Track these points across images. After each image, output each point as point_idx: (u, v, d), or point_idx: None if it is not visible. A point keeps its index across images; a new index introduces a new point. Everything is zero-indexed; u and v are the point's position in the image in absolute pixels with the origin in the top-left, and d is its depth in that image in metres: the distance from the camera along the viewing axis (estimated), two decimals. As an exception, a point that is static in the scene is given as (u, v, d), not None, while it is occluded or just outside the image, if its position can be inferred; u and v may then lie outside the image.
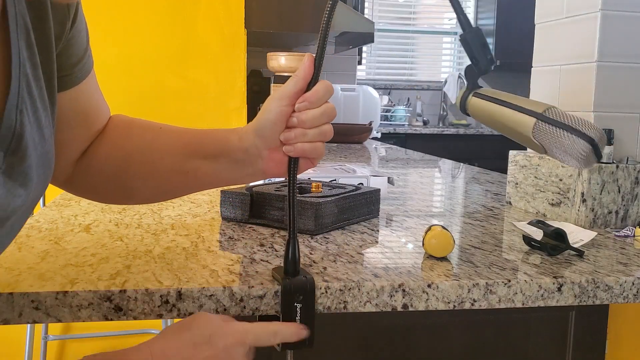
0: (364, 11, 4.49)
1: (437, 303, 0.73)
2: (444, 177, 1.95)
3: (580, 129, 0.73)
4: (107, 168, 0.76)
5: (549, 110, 0.75)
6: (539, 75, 1.24)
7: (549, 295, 0.75)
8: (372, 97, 3.53)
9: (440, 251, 0.83)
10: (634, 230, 1.02)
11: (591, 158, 0.74)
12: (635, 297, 0.77)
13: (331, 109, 0.70)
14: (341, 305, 0.71)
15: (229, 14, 2.03)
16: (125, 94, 2.00)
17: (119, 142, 0.77)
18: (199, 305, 0.68)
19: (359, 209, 1.06)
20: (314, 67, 0.68)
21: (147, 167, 0.76)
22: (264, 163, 0.73)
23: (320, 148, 0.71)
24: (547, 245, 0.87)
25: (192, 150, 0.74)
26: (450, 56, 5.52)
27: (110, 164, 0.76)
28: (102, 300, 0.67)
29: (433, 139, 4.53)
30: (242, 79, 2.09)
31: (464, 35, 0.78)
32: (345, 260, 0.81)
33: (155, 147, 0.76)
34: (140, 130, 0.78)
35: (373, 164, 2.20)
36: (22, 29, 0.56)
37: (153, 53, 2.02)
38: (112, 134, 0.77)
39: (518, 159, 1.24)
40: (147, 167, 0.76)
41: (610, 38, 1.06)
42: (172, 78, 2.04)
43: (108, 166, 0.76)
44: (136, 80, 2.01)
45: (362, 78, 5.11)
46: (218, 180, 0.76)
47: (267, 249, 0.86)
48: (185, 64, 2.04)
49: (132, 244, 0.87)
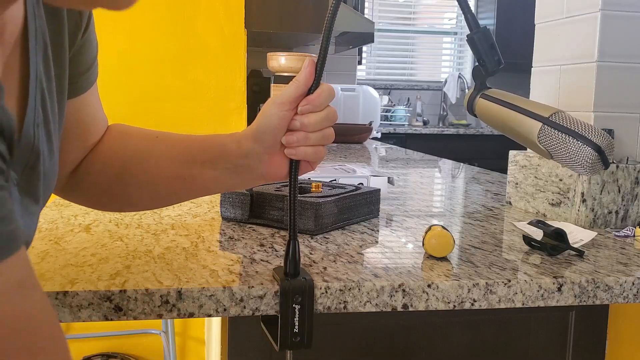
0: (364, 11, 4.48)
1: (437, 303, 0.73)
2: (444, 177, 1.95)
3: (586, 135, 0.73)
4: (103, 177, 0.75)
5: (556, 114, 0.75)
6: (539, 75, 1.24)
7: (549, 295, 0.75)
8: (372, 97, 3.53)
9: (440, 251, 0.83)
10: (634, 230, 1.01)
11: (597, 165, 0.73)
12: (635, 297, 0.77)
13: (333, 112, 0.70)
14: (341, 305, 0.71)
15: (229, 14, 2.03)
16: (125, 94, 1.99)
17: (115, 150, 0.76)
18: (198, 305, 0.68)
19: (359, 209, 1.06)
20: (315, 71, 0.68)
21: (143, 176, 0.74)
22: (264, 167, 0.72)
23: (322, 151, 0.71)
24: (547, 245, 0.87)
25: (189, 157, 0.73)
26: (450, 56, 5.52)
27: (107, 173, 0.75)
28: (102, 300, 0.66)
29: (433, 139, 4.53)
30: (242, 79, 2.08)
31: (471, 36, 0.77)
32: (345, 260, 0.81)
33: (152, 155, 0.75)
34: (136, 138, 0.77)
35: (373, 164, 2.20)
36: (40, 44, 0.56)
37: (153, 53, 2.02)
38: (108, 143, 0.76)
39: (518, 159, 1.24)
40: (143, 175, 0.74)
41: (610, 38, 1.06)
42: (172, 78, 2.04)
43: (104, 175, 0.75)
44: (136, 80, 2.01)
45: (362, 78, 5.11)
46: (217, 186, 0.75)
47: (267, 249, 0.86)
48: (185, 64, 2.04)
49: (132, 244, 0.87)
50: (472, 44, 0.77)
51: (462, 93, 5.06)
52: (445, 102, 5.22)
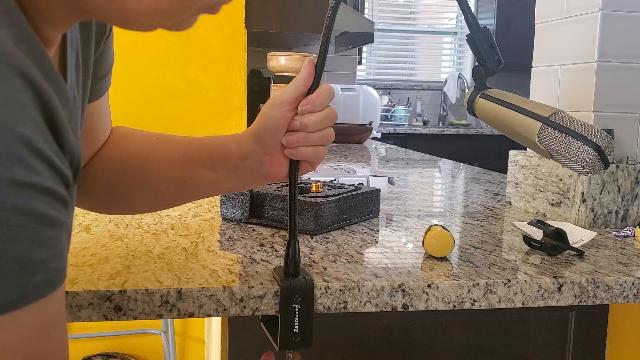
0: (364, 11, 4.49)
1: (437, 303, 0.73)
2: (444, 177, 1.95)
3: (586, 135, 0.72)
4: (103, 180, 0.75)
5: (556, 114, 0.75)
6: (539, 75, 1.24)
7: (549, 295, 0.75)
8: (372, 97, 3.53)
9: (440, 251, 0.83)
10: (634, 230, 1.02)
11: (597, 165, 0.73)
12: (635, 297, 0.77)
13: (333, 112, 0.70)
14: (341, 305, 0.71)
15: (229, 14, 2.03)
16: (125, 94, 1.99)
17: (116, 153, 0.76)
18: (198, 305, 0.68)
19: (359, 209, 1.06)
20: (314, 72, 0.68)
21: (144, 178, 0.74)
22: (264, 168, 0.72)
23: (322, 152, 0.71)
24: (547, 245, 0.87)
25: (190, 159, 0.73)
26: (450, 56, 5.52)
27: (107, 176, 0.75)
28: (102, 300, 0.66)
29: (433, 139, 4.53)
30: (242, 79, 2.08)
31: (471, 35, 0.77)
32: (345, 260, 0.81)
33: (152, 157, 0.74)
34: (136, 141, 0.77)
35: (373, 164, 2.20)
36: (74, 52, 0.56)
37: (153, 53, 2.02)
38: (109, 145, 0.76)
39: (518, 159, 1.24)
40: (144, 177, 0.74)
41: (610, 38, 1.06)
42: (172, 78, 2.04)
43: (105, 178, 0.75)
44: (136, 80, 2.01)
45: (362, 78, 5.11)
46: (218, 188, 0.75)
47: (267, 249, 0.86)
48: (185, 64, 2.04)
49: (132, 244, 0.87)
50: (472, 43, 0.77)
51: (462, 93, 5.06)
52: (445, 102, 5.22)
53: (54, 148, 0.39)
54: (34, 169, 0.37)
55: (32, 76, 0.38)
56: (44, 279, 0.38)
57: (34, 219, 0.37)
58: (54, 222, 0.38)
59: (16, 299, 0.36)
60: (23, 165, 0.36)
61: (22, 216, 0.36)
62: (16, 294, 0.36)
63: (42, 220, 0.37)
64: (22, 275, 0.36)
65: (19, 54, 0.38)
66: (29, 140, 0.36)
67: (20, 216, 0.36)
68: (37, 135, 0.37)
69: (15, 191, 0.35)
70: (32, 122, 0.37)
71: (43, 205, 0.37)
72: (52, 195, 0.38)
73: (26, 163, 0.36)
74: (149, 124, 1.77)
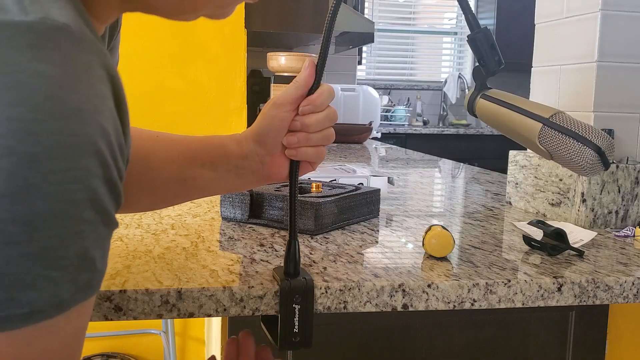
0: (364, 11, 4.49)
1: (437, 303, 0.73)
2: (444, 177, 1.95)
3: (587, 136, 0.72)
4: None
5: (556, 115, 0.75)
6: (539, 75, 1.24)
7: (549, 295, 0.75)
8: (372, 97, 3.53)
9: (440, 251, 0.83)
10: (634, 230, 1.02)
11: (598, 166, 0.73)
12: (635, 297, 0.77)
13: (334, 112, 0.70)
14: (341, 305, 0.71)
15: (229, 14, 2.03)
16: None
17: None
18: (198, 305, 0.68)
19: (359, 209, 1.06)
20: (315, 72, 0.68)
21: (144, 177, 0.74)
22: (265, 169, 0.72)
23: (323, 152, 0.71)
24: (547, 245, 0.87)
25: (190, 158, 0.73)
26: (450, 56, 5.52)
27: None
28: (102, 300, 0.66)
29: (433, 139, 4.53)
30: (242, 79, 2.08)
31: (472, 36, 0.77)
32: (345, 260, 0.81)
33: (152, 156, 0.74)
34: (136, 139, 0.77)
35: (373, 164, 2.20)
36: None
37: (153, 53, 2.01)
38: None
39: (518, 159, 1.24)
40: (144, 176, 0.74)
41: (610, 38, 1.06)
42: (172, 78, 2.04)
43: None
44: (136, 80, 2.01)
45: (362, 78, 5.11)
46: (218, 187, 0.75)
47: (267, 249, 0.86)
48: (185, 64, 2.04)
49: (132, 244, 0.87)
50: (473, 44, 0.77)
51: (462, 93, 5.06)
52: (445, 102, 5.22)
53: (121, 141, 0.38)
54: (106, 163, 0.36)
55: (110, 67, 0.37)
56: (89, 279, 0.36)
57: (99, 215, 0.36)
58: (110, 220, 0.37)
59: (67, 299, 0.35)
60: (98, 157, 0.35)
61: (91, 211, 0.35)
62: (70, 291, 0.35)
63: (104, 216, 0.36)
64: (80, 273, 0.35)
65: (98, 43, 0.37)
66: (106, 133, 0.36)
67: (90, 211, 0.35)
68: (111, 127, 0.37)
69: (90, 183, 0.34)
70: (110, 113, 0.37)
71: (108, 201, 0.37)
72: (114, 192, 0.37)
73: (102, 156, 0.35)
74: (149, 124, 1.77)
